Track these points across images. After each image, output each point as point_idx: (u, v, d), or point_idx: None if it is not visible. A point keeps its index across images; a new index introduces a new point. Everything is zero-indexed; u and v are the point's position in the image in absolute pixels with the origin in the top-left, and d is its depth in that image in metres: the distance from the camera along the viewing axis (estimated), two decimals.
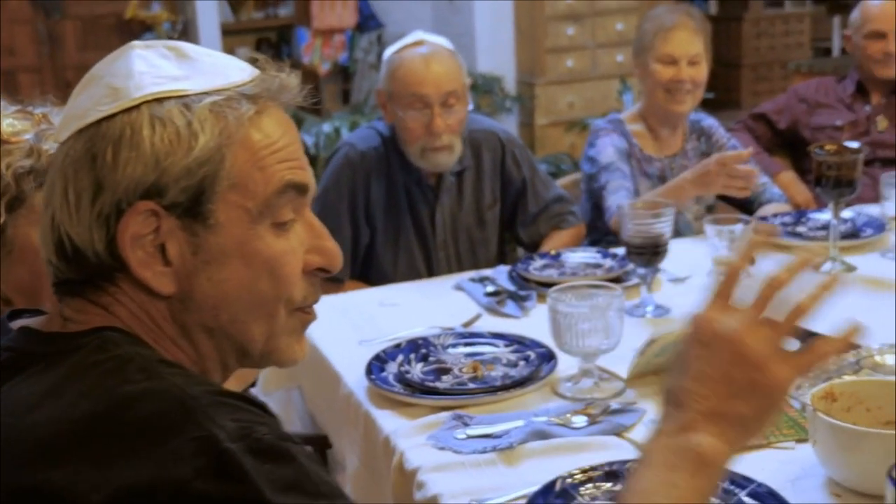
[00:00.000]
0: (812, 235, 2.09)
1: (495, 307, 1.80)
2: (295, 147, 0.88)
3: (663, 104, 2.40)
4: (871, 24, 2.84)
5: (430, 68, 2.13)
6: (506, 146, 2.31)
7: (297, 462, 0.76)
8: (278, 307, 0.87)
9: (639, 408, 1.38)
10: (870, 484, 1.12)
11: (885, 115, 2.88)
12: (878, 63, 2.84)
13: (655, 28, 2.40)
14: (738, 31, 7.34)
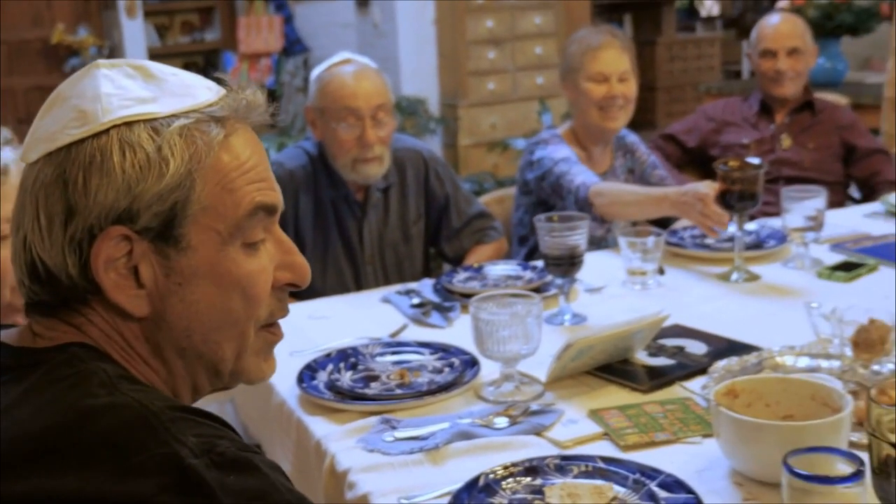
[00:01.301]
0: (719, 247, 2.19)
1: (421, 318, 1.86)
2: (264, 167, 0.89)
3: (597, 122, 2.44)
4: (763, 43, 2.99)
5: (360, 83, 2.19)
6: (429, 164, 2.39)
7: (260, 472, 0.77)
8: (249, 325, 0.88)
9: (557, 409, 1.45)
10: (768, 472, 1.19)
11: (788, 134, 3.00)
12: (772, 81, 2.98)
13: (583, 49, 2.45)
14: (653, 54, 7.58)
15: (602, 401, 1.48)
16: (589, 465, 1.26)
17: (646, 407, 1.44)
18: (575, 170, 2.33)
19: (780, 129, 3.02)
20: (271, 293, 0.90)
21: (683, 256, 2.18)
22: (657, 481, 1.22)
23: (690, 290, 1.99)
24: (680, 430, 1.37)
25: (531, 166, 2.46)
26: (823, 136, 3.00)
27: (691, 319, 1.77)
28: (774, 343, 1.60)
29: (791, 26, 3.03)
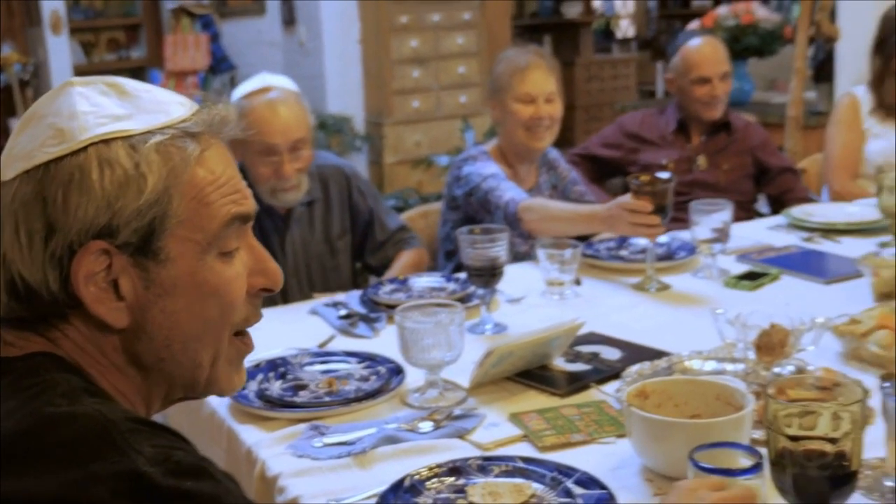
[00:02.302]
0: (633, 258, 2.29)
1: (348, 329, 1.91)
2: (236, 178, 0.92)
3: (524, 141, 2.51)
4: (697, 71, 3.01)
5: (279, 117, 2.20)
6: (351, 180, 2.44)
7: (214, 480, 0.79)
8: (225, 331, 0.91)
9: (479, 413, 1.51)
10: (677, 468, 1.23)
11: (704, 155, 3.07)
12: (705, 105, 3.03)
13: (511, 69, 2.50)
14: (571, 74, 7.76)
15: (522, 405, 1.55)
16: (509, 464, 1.33)
17: (563, 410, 1.52)
18: (503, 186, 2.38)
19: (697, 150, 3.08)
20: (246, 299, 0.93)
21: (599, 268, 2.27)
22: (573, 479, 1.28)
23: (605, 300, 2.07)
24: (595, 431, 1.44)
25: (459, 182, 2.51)
26: (737, 156, 3.08)
27: (606, 327, 1.86)
28: (684, 348, 1.68)
29: (720, 51, 3.09)
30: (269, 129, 2.19)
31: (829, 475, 1.05)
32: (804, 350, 1.60)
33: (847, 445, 1.05)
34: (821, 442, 1.05)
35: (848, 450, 1.05)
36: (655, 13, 9.66)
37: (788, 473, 1.07)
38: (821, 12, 4.30)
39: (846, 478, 1.06)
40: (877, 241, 2.33)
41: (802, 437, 1.06)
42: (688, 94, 3.05)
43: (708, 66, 3.01)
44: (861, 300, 1.89)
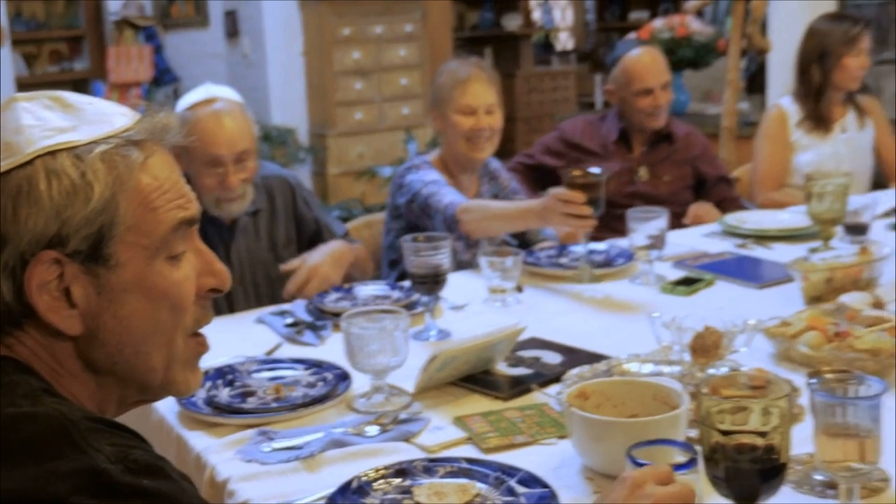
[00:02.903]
0: (572, 265, 2.34)
1: (294, 337, 1.93)
2: (180, 183, 0.95)
3: (465, 152, 2.54)
4: (640, 83, 3.01)
5: (225, 129, 2.20)
6: (296, 190, 2.45)
7: (171, 479, 0.82)
8: (177, 334, 0.93)
9: (424, 417, 1.54)
10: (616, 466, 1.26)
11: (645, 166, 3.09)
12: (648, 116, 3.03)
13: (452, 81, 2.54)
14: (512, 86, 7.85)
15: (466, 408, 1.58)
16: (454, 465, 1.36)
17: (506, 413, 1.55)
18: (443, 191, 2.41)
19: (639, 161, 3.11)
20: (195, 301, 0.95)
21: (540, 275, 2.32)
22: (516, 478, 1.32)
23: (546, 306, 2.12)
24: (537, 433, 1.48)
25: (401, 190, 2.53)
26: (678, 167, 3.11)
27: (547, 332, 1.90)
28: (622, 352, 1.73)
29: (660, 61, 3.10)
30: (214, 140, 2.20)
31: (759, 468, 1.10)
32: (737, 351, 1.66)
33: (776, 439, 1.10)
34: (751, 436, 1.10)
35: (777, 443, 1.10)
36: (594, 26, 9.82)
37: (721, 467, 1.11)
38: (752, 25, 4.43)
39: (776, 470, 1.11)
40: (807, 246, 2.41)
41: (734, 432, 1.11)
42: (630, 106, 3.06)
43: (650, 77, 3.03)
44: (792, 303, 1.96)
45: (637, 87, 3.03)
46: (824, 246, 2.37)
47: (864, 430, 1.14)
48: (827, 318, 1.75)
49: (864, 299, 1.85)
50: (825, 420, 1.16)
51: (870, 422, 1.14)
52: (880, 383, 1.15)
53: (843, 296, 1.88)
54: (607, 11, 9.86)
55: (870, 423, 1.14)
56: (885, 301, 1.85)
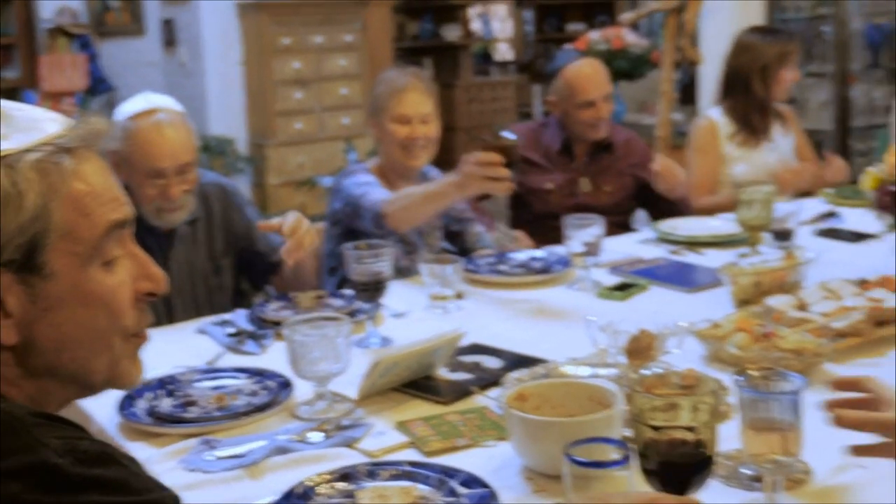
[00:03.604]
0: (511, 272, 2.39)
1: (236, 346, 1.94)
2: (114, 187, 0.95)
3: (400, 160, 2.57)
4: (583, 95, 3.02)
5: (167, 140, 2.18)
6: (232, 197, 2.44)
7: (121, 465, 0.83)
8: (115, 338, 0.94)
9: (367, 422, 1.56)
10: (554, 465, 1.29)
11: (587, 177, 3.12)
12: (591, 127, 3.05)
13: (389, 91, 2.58)
14: (452, 96, 7.92)
15: (408, 413, 1.61)
16: (397, 469, 1.38)
17: (447, 417, 1.58)
18: (373, 191, 2.44)
19: (581, 171, 3.12)
20: (133, 304, 0.96)
21: (479, 282, 2.36)
22: (458, 479, 1.34)
23: (486, 312, 2.15)
24: (478, 436, 1.51)
25: (337, 195, 2.56)
26: (619, 177, 3.14)
27: (487, 338, 1.94)
28: (560, 355, 1.77)
29: (602, 72, 3.11)
30: (156, 152, 2.18)
31: (689, 461, 1.15)
32: (670, 353, 1.71)
33: (704, 434, 1.15)
34: (682, 431, 1.15)
35: (705, 437, 1.15)
36: (532, 37, 9.95)
37: (654, 461, 1.16)
38: (684, 39, 4.55)
39: (704, 463, 1.16)
40: (736, 252, 2.49)
41: (665, 428, 1.15)
42: (572, 117, 3.08)
43: (593, 89, 3.05)
44: (722, 306, 2.03)
45: (580, 100, 3.05)
46: (752, 251, 2.45)
47: (786, 424, 1.19)
48: (754, 319, 1.82)
49: (790, 301, 1.93)
50: (750, 415, 1.22)
51: (791, 416, 1.19)
52: (801, 379, 1.21)
53: (769, 298, 1.96)
54: (545, 23, 10.01)
55: (791, 417, 1.19)
56: (808, 303, 1.92)
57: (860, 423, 1.17)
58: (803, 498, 1.28)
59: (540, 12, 10.00)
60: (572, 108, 3.07)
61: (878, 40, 5.23)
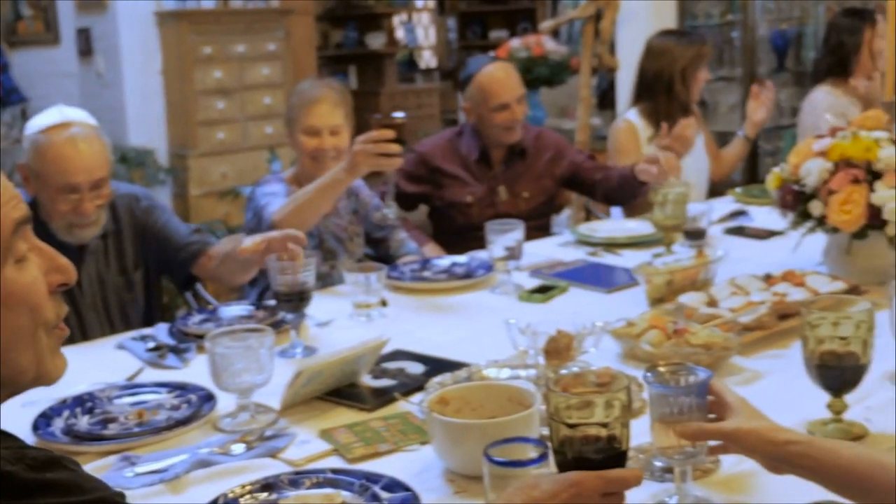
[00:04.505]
0: (435, 278, 2.43)
1: (157, 361, 1.93)
2: (9, 186, 0.96)
3: (312, 171, 2.59)
4: (496, 99, 3.04)
5: (81, 156, 2.15)
6: (140, 202, 2.39)
7: (69, 468, 0.86)
8: (39, 332, 0.95)
9: (290, 432, 1.57)
10: (474, 466, 1.30)
11: (504, 186, 3.13)
12: (506, 130, 3.06)
13: (301, 102, 2.60)
14: (377, 104, 7.93)
15: (332, 421, 1.62)
16: (319, 476, 1.40)
17: (371, 423, 1.60)
18: (274, 201, 2.46)
19: (497, 181, 3.13)
20: (49, 297, 0.97)
21: (403, 289, 2.38)
22: (380, 484, 1.36)
23: (410, 319, 2.18)
24: (401, 441, 1.53)
25: (249, 205, 2.59)
26: (535, 181, 3.15)
27: (411, 344, 1.96)
28: (482, 359, 1.80)
29: (513, 75, 3.13)
30: (70, 167, 2.15)
31: (603, 457, 1.18)
32: (587, 352, 1.76)
33: (617, 429, 1.18)
34: (596, 427, 1.18)
35: (618, 433, 1.18)
36: (456, 44, 10.03)
37: (570, 458, 1.19)
38: (601, 46, 4.65)
39: (618, 457, 1.19)
40: (652, 252, 2.56)
41: (580, 425, 1.18)
42: (487, 122, 3.08)
43: (505, 92, 3.06)
44: (638, 305, 2.09)
45: (493, 103, 3.06)
46: (667, 251, 2.52)
47: (693, 417, 1.24)
48: (667, 317, 1.88)
49: (701, 298, 2.00)
50: (660, 410, 1.26)
51: (697, 408, 1.24)
52: (706, 373, 1.26)
53: (682, 296, 2.02)
54: (468, 30, 10.09)
55: (697, 409, 1.24)
56: (718, 299, 1.99)
57: (697, 435, 1.22)
58: (712, 487, 1.33)
59: (463, 20, 10.08)
60: (487, 112, 3.07)
61: (783, 45, 5.42)
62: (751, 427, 1.19)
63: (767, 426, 1.19)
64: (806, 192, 2.17)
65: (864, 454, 1.11)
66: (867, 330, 1.43)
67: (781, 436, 1.17)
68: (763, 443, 1.17)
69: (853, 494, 1.11)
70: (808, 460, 1.13)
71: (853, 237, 2.15)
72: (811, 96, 3.98)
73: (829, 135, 2.23)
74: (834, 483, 1.13)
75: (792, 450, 1.15)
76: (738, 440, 1.20)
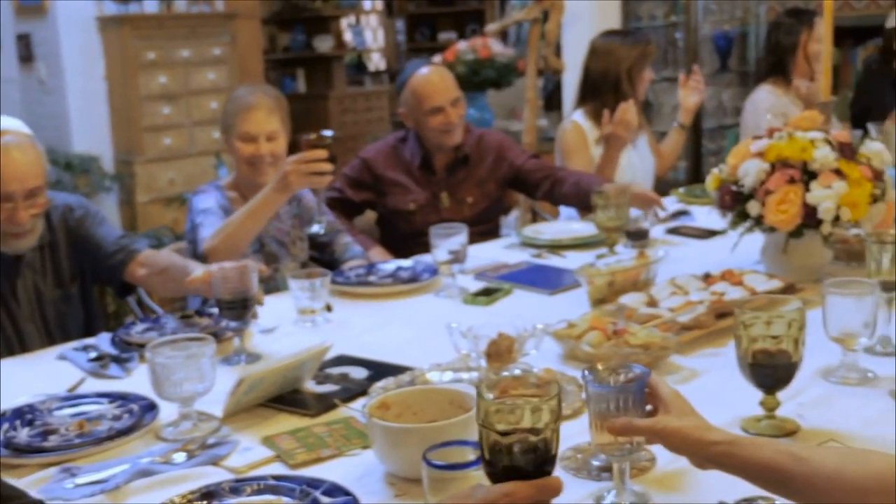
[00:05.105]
0: (380, 283, 2.44)
1: (99, 371, 1.91)
2: None
3: (249, 177, 2.61)
4: (430, 102, 3.01)
5: (15, 164, 2.13)
6: (74, 213, 2.36)
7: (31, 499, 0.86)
8: None
9: (233, 439, 1.58)
10: (414, 469, 1.31)
11: (447, 192, 3.11)
12: (443, 133, 3.03)
13: (236, 109, 2.61)
14: (326, 107, 7.91)
15: (275, 428, 1.63)
16: (260, 483, 1.40)
17: (313, 429, 1.61)
18: (207, 222, 2.47)
19: (440, 188, 3.11)
20: None
21: (349, 294, 2.39)
22: (321, 490, 1.37)
23: (355, 323, 2.19)
24: (343, 445, 1.54)
25: (188, 215, 2.60)
26: (479, 185, 3.13)
27: (356, 349, 1.97)
28: (426, 362, 1.82)
29: (447, 77, 3.09)
30: (4, 176, 2.12)
31: (533, 460, 1.19)
32: (528, 354, 1.78)
33: (547, 434, 1.19)
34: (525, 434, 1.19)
35: (549, 437, 1.19)
36: (404, 47, 10.03)
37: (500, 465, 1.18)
38: (547, 48, 4.69)
39: (548, 462, 1.20)
40: (595, 253, 2.60)
41: (510, 432, 1.19)
42: (424, 126, 3.06)
43: (438, 95, 3.03)
44: (580, 306, 2.12)
45: (427, 107, 3.03)
46: (610, 252, 2.56)
47: (630, 413, 1.26)
48: (608, 318, 1.91)
49: (641, 299, 2.03)
50: (597, 408, 1.28)
51: (634, 405, 1.27)
52: (643, 371, 1.29)
53: (622, 297, 2.06)
54: (417, 32, 10.10)
55: (634, 406, 1.27)
56: (658, 299, 2.03)
57: (624, 430, 1.25)
58: (649, 484, 1.36)
59: (411, 22, 10.09)
60: (422, 116, 3.05)
61: (726, 45, 5.51)
62: (677, 426, 1.22)
63: (693, 425, 1.22)
64: (744, 192, 2.22)
65: (783, 450, 1.15)
66: (798, 328, 1.48)
67: (706, 435, 1.20)
68: (688, 442, 1.21)
69: (776, 489, 1.16)
70: (732, 459, 1.17)
71: (789, 236, 2.20)
72: (753, 96, 4.05)
73: (767, 135, 2.28)
74: (757, 479, 1.17)
75: (716, 450, 1.18)
76: (664, 438, 1.23)
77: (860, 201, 2.12)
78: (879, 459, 1.11)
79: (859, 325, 1.65)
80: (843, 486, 1.08)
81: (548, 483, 1.13)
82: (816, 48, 3.82)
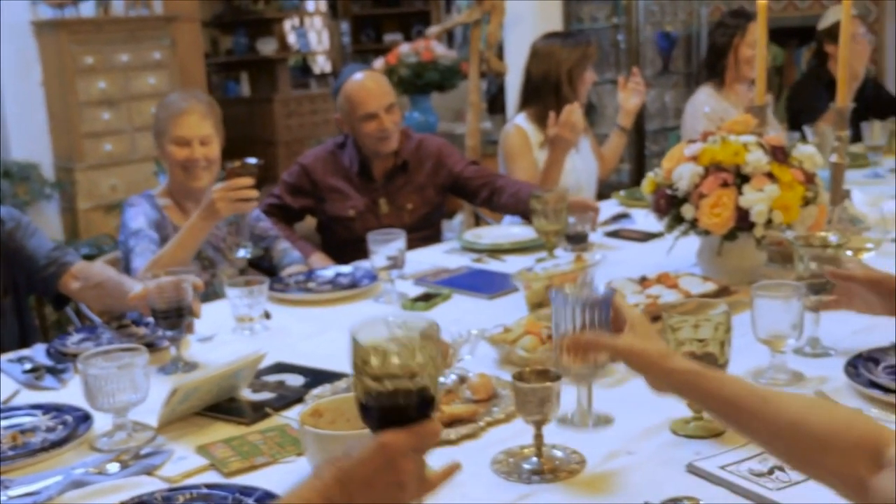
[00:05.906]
0: (319, 289, 2.44)
1: (34, 382, 1.89)
2: None
3: (183, 182, 2.61)
4: (364, 108, 2.98)
5: None
6: (5, 226, 2.32)
7: None
8: None
9: (167, 449, 1.58)
10: None
11: (385, 199, 3.11)
12: (379, 140, 3.01)
13: (168, 114, 2.60)
14: (270, 111, 7.86)
15: (210, 436, 1.63)
16: (193, 492, 1.40)
17: (248, 437, 1.61)
18: (138, 249, 2.47)
19: (379, 194, 3.10)
20: None
21: (287, 301, 2.39)
22: (254, 497, 1.38)
23: (294, 330, 2.19)
24: (277, 453, 1.55)
25: (120, 229, 2.59)
26: (418, 192, 3.12)
27: (294, 356, 1.98)
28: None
29: (382, 83, 3.07)
30: None
31: (410, 405, 1.05)
32: (463, 360, 1.80)
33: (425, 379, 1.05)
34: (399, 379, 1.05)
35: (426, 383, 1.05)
36: (350, 49, 10.01)
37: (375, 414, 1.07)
38: (488, 50, 4.73)
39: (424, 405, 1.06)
40: (535, 257, 2.63)
41: (382, 377, 1.06)
42: (359, 132, 3.04)
43: (372, 101, 3.01)
44: (519, 311, 2.14)
45: (361, 113, 3.01)
46: (549, 256, 2.59)
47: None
48: (542, 322, 1.93)
49: None
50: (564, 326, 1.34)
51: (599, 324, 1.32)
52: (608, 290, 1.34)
53: None
54: (362, 34, 10.09)
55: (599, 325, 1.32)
56: None
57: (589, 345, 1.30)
58: (578, 486, 1.39)
59: (356, 23, 10.07)
60: (356, 122, 3.03)
61: (667, 47, 5.59)
62: (642, 347, 1.25)
63: (657, 350, 1.25)
64: (678, 196, 2.26)
65: (749, 388, 1.17)
66: (724, 331, 1.52)
67: (669, 363, 1.23)
68: (651, 366, 1.24)
69: (736, 425, 1.17)
70: (695, 389, 1.20)
71: (723, 239, 2.25)
72: (693, 98, 4.12)
73: (701, 139, 2.33)
74: (717, 412, 1.19)
75: (680, 377, 1.21)
76: (627, 358, 1.26)
77: (792, 204, 2.17)
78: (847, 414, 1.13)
79: (787, 327, 1.70)
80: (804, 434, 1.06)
81: (424, 427, 1.03)
82: (749, 52, 3.90)
